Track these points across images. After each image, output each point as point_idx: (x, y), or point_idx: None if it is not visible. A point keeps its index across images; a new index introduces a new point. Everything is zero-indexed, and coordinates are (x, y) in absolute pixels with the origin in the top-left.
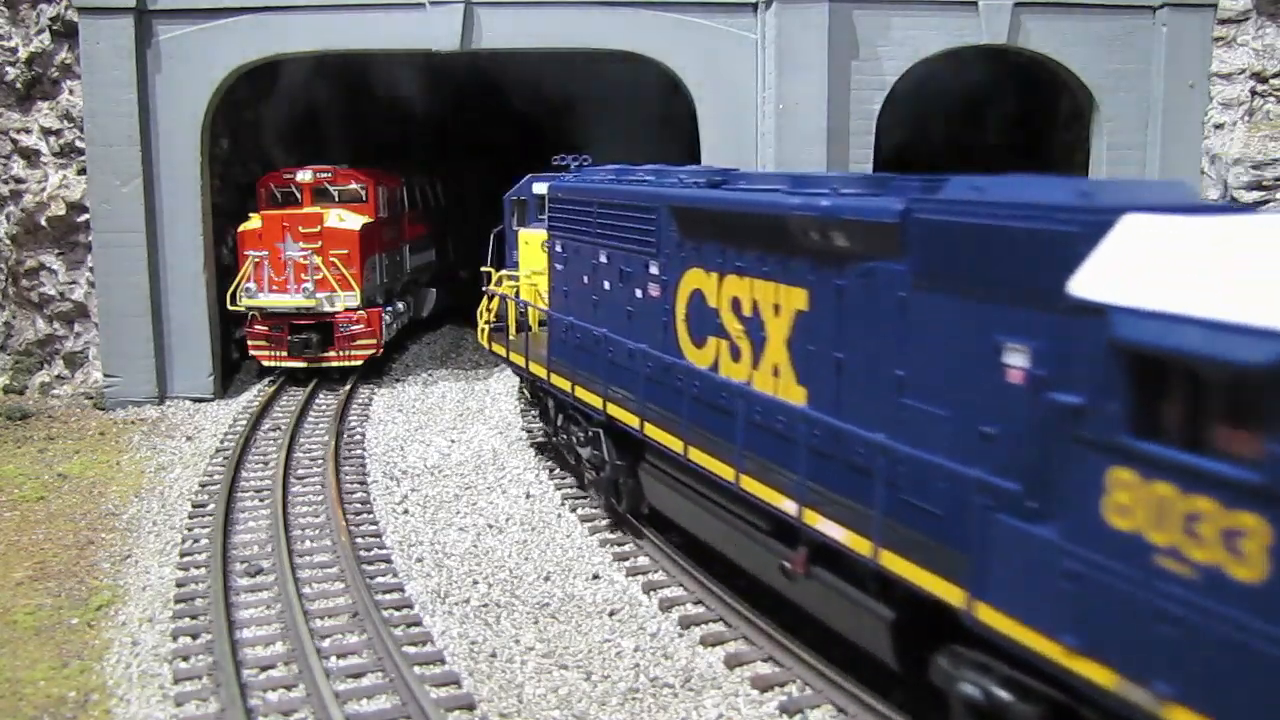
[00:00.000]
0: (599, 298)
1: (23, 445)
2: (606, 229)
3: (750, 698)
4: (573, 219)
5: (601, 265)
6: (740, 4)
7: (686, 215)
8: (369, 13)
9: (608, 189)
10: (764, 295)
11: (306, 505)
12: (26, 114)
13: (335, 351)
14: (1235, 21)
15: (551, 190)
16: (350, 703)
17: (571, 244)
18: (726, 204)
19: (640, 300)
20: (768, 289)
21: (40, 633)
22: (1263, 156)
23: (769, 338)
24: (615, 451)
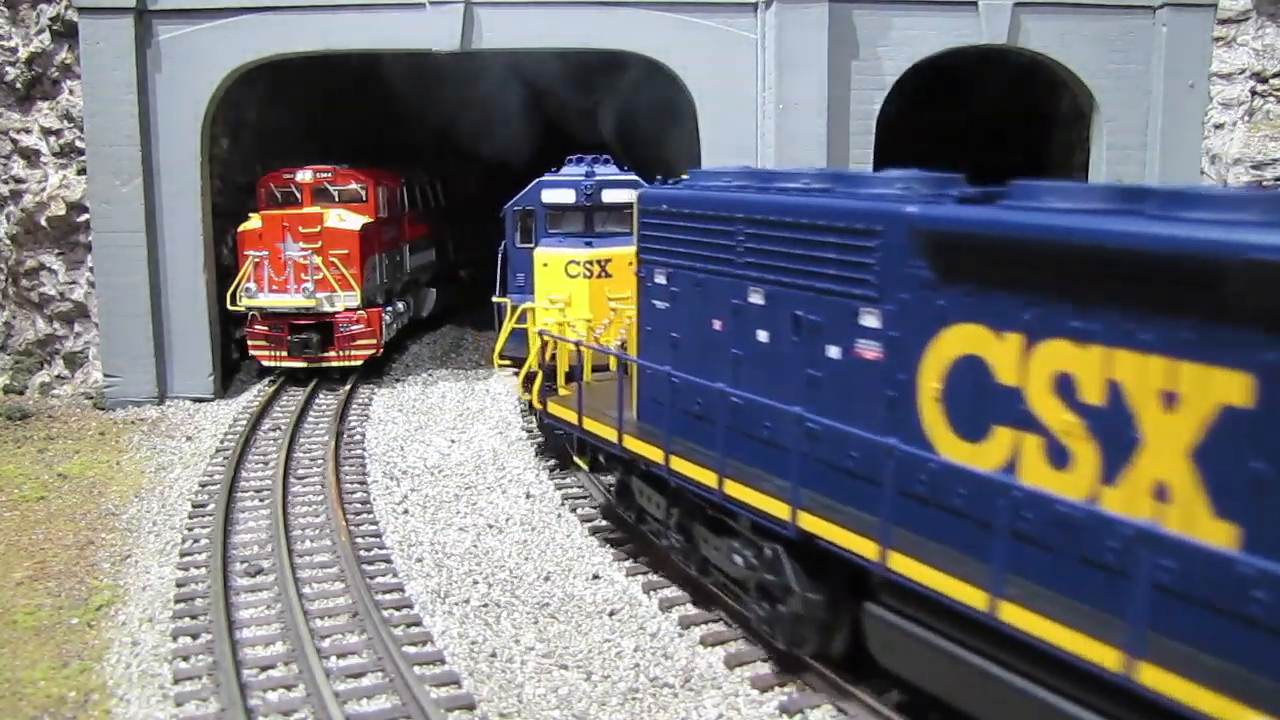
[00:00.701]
0: (745, 352)
1: (23, 445)
2: (765, 257)
3: (750, 698)
4: (690, 240)
5: (752, 308)
6: (740, 4)
7: (951, 245)
8: (369, 13)
9: (765, 201)
10: (1137, 376)
11: (306, 505)
12: (26, 114)
13: (335, 351)
14: (1235, 21)
15: (647, 200)
16: (350, 703)
17: (686, 274)
18: (1048, 231)
19: (838, 363)
20: (1148, 367)
21: (40, 633)
22: (1263, 156)
23: (1145, 440)
24: (808, 581)
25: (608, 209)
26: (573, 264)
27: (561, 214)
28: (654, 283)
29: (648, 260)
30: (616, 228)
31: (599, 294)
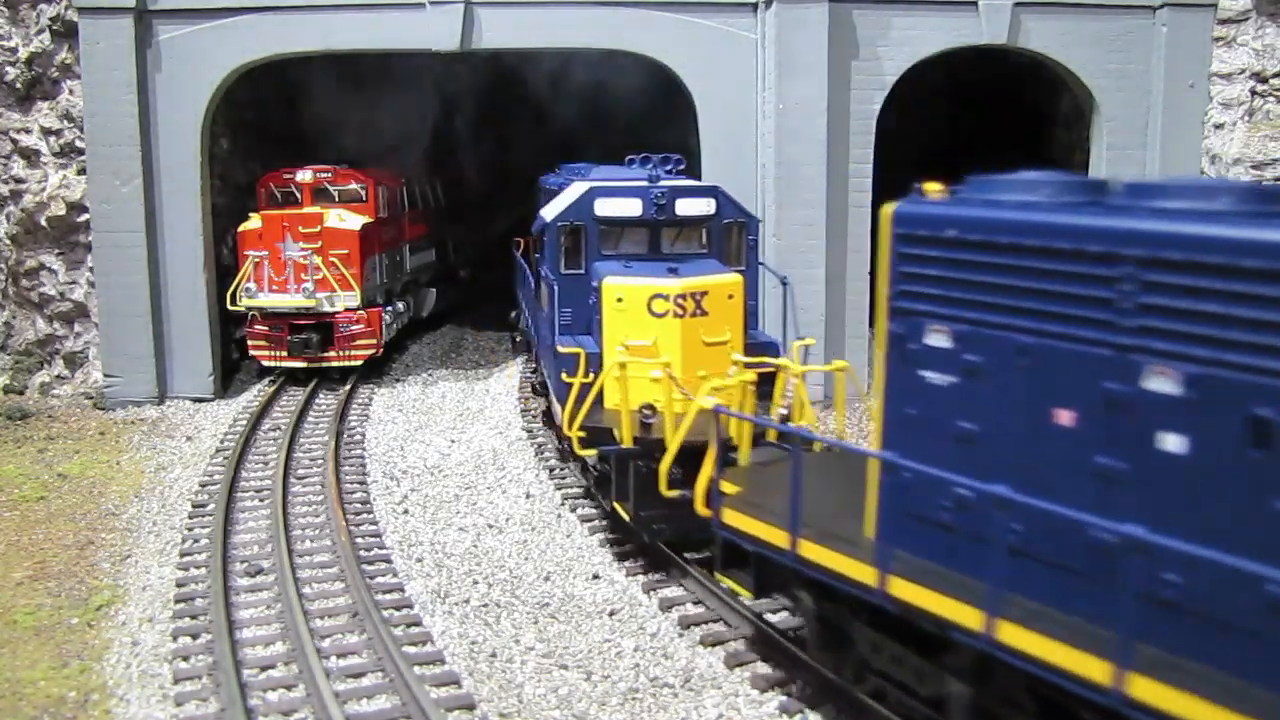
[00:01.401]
0: (1129, 467)
1: (23, 445)
2: (1180, 319)
3: (750, 698)
4: (1007, 286)
5: (1150, 399)
6: (740, 4)
7: None
8: (369, 13)
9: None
10: None
11: (306, 505)
12: (26, 114)
13: (335, 351)
14: (1235, 21)
15: (910, 221)
16: (350, 703)
17: (997, 337)
18: None
19: None
20: None
21: (40, 633)
22: (1263, 156)
23: None
24: None
25: (681, 223)
26: (658, 298)
27: (620, 231)
28: (921, 344)
29: (908, 311)
30: (690, 247)
31: (694, 339)
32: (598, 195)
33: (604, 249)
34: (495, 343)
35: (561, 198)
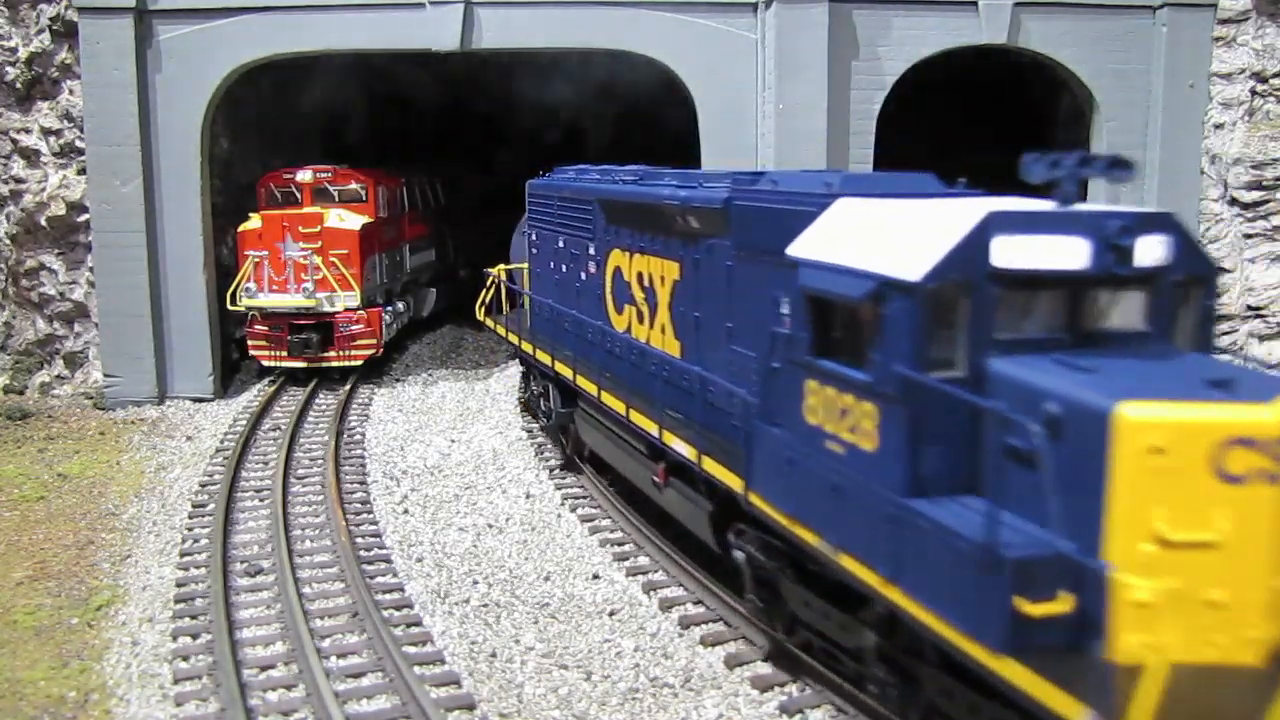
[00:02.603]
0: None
1: (23, 445)
2: None
3: (750, 698)
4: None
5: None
6: (740, 4)
7: None
8: (369, 12)
9: None
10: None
11: (306, 505)
12: (26, 114)
13: (335, 351)
14: (1235, 21)
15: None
16: (350, 703)
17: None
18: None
19: None
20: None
21: (40, 633)
22: (1263, 156)
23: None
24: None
25: (1132, 280)
26: (1240, 446)
27: (1031, 297)
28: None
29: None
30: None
31: None
32: (1001, 228)
33: (1004, 330)
34: (495, 342)
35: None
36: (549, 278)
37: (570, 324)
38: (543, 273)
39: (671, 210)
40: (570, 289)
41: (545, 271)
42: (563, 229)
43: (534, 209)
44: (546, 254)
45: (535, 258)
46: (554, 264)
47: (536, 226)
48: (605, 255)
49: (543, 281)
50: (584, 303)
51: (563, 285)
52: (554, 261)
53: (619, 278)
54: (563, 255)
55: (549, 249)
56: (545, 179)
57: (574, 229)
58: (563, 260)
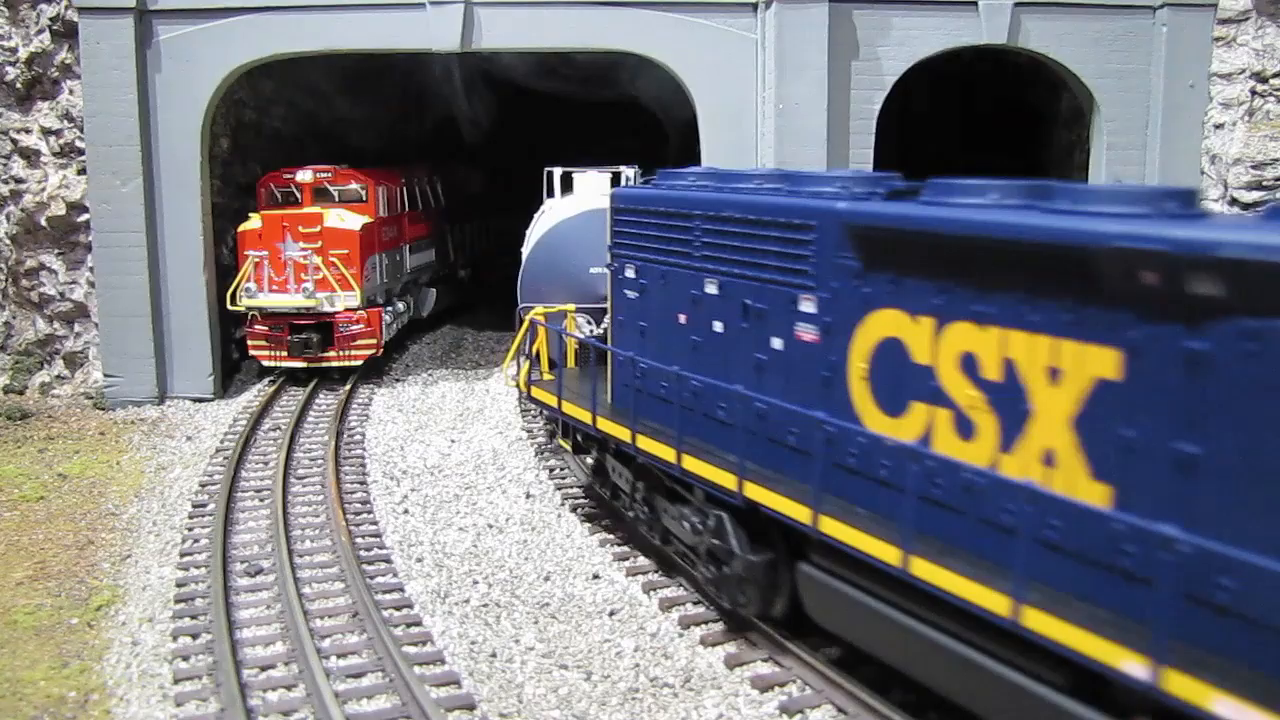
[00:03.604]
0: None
1: (23, 445)
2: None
3: (750, 698)
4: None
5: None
6: (740, 4)
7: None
8: (369, 12)
9: None
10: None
11: (306, 505)
12: (26, 114)
13: (335, 351)
14: (1235, 21)
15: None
16: (350, 703)
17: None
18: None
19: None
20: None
21: (40, 633)
22: (1263, 156)
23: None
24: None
25: None
26: None
27: None
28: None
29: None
30: None
31: None
32: None
33: None
34: (495, 343)
35: None
36: (671, 334)
37: (736, 411)
38: (653, 326)
39: (1122, 259)
40: (738, 358)
41: (659, 324)
42: (715, 267)
43: (630, 231)
44: (663, 300)
45: (633, 302)
46: (690, 317)
47: (636, 257)
48: (852, 317)
49: (653, 338)
50: (785, 384)
51: (713, 349)
52: (689, 313)
53: (895, 357)
54: (715, 306)
55: (671, 293)
56: (649, 189)
57: (750, 270)
58: (715, 313)
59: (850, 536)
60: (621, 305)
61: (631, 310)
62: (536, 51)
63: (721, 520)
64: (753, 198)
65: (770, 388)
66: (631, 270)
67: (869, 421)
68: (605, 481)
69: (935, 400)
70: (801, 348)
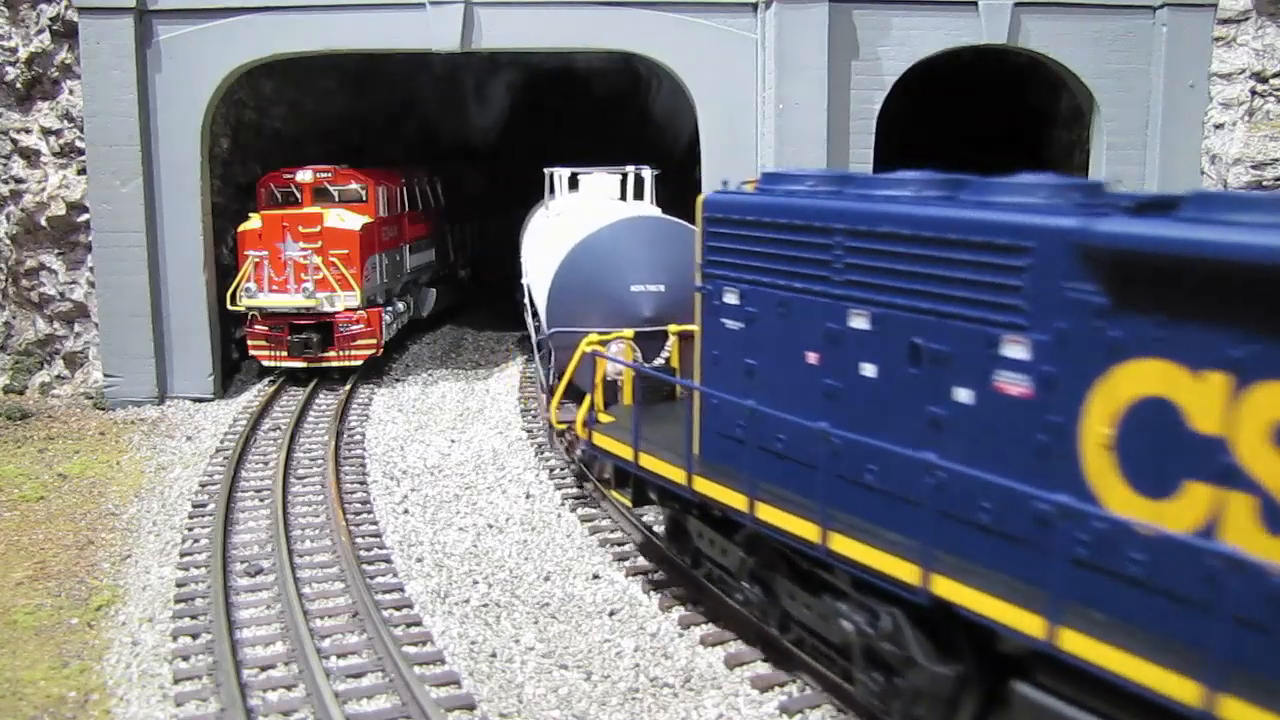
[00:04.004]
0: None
1: (23, 445)
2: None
3: (750, 698)
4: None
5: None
6: (740, 4)
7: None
8: (369, 12)
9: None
10: None
11: (306, 505)
12: (26, 114)
13: (335, 351)
14: (1235, 21)
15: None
16: (350, 703)
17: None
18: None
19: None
20: None
21: (40, 633)
22: (1263, 156)
23: None
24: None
25: None
26: None
27: None
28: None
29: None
30: None
31: None
32: None
33: None
34: (495, 343)
35: None
36: (793, 377)
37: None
38: (765, 365)
39: None
40: (900, 411)
41: (775, 363)
42: (866, 295)
43: (730, 246)
44: (782, 333)
45: (734, 335)
46: (824, 356)
47: (740, 279)
48: (1091, 368)
49: (764, 379)
50: (974, 448)
51: (860, 399)
52: (823, 352)
53: (1161, 422)
54: (864, 345)
55: (795, 326)
56: (757, 194)
57: (923, 301)
58: (864, 353)
59: (1122, 664)
60: (717, 337)
61: (732, 344)
62: (536, 51)
63: (897, 621)
64: (921, 210)
65: (951, 451)
66: (732, 295)
67: (1112, 502)
68: (685, 547)
69: (1227, 481)
70: (1003, 403)
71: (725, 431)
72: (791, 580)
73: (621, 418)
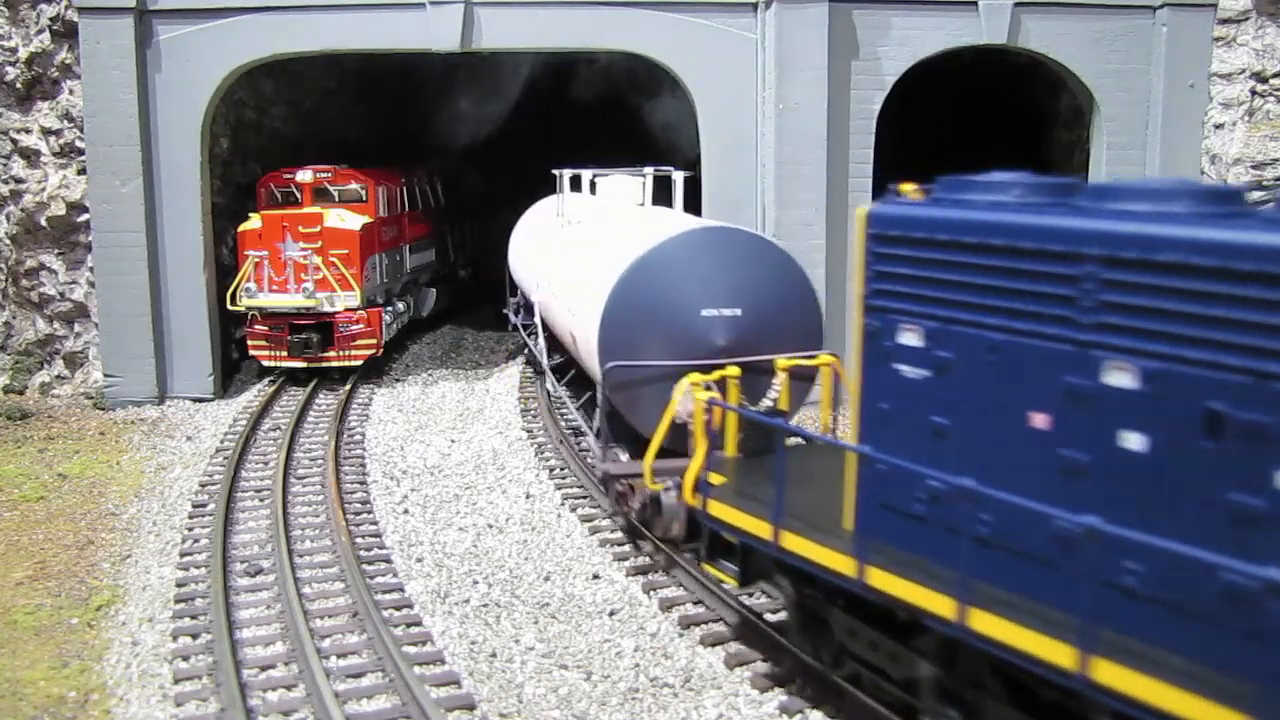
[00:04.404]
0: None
1: (23, 445)
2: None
3: (750, 698)
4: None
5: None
6: (740, 4)
7: None
8: (369, 12)
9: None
10: None
11: (306, 505)
12: (26, 114)
13: (335, 351)
14: (1235, 21)
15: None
16: (350, 703)
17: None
18: None
19: None
20: None
21: (40, 633)
22: (1263, 156)
23: None
24: None
25: None
26: None
27: None
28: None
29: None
30: None
31: None
32: None
33: None
34: (495, 343)
35: None
36: (1010, 444)
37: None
38: (963, 426)
39: None
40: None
41: (981, 425)
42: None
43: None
44: (992, 386)
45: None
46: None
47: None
48: None
49: (961, 444)
50: None
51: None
52: (1058, 415)
53: None
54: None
55: (1013, 378)
56: (949, 208)
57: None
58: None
59: None
60: (888, 387)
61: (912, 397)
62: (536, 51)
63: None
64: (1223, 233)
65: (1267, 554)
66: (914, 335)
67: None
68: (825, 642)
69: None
70: None
71: (896, 505)
72: (1012, 706)
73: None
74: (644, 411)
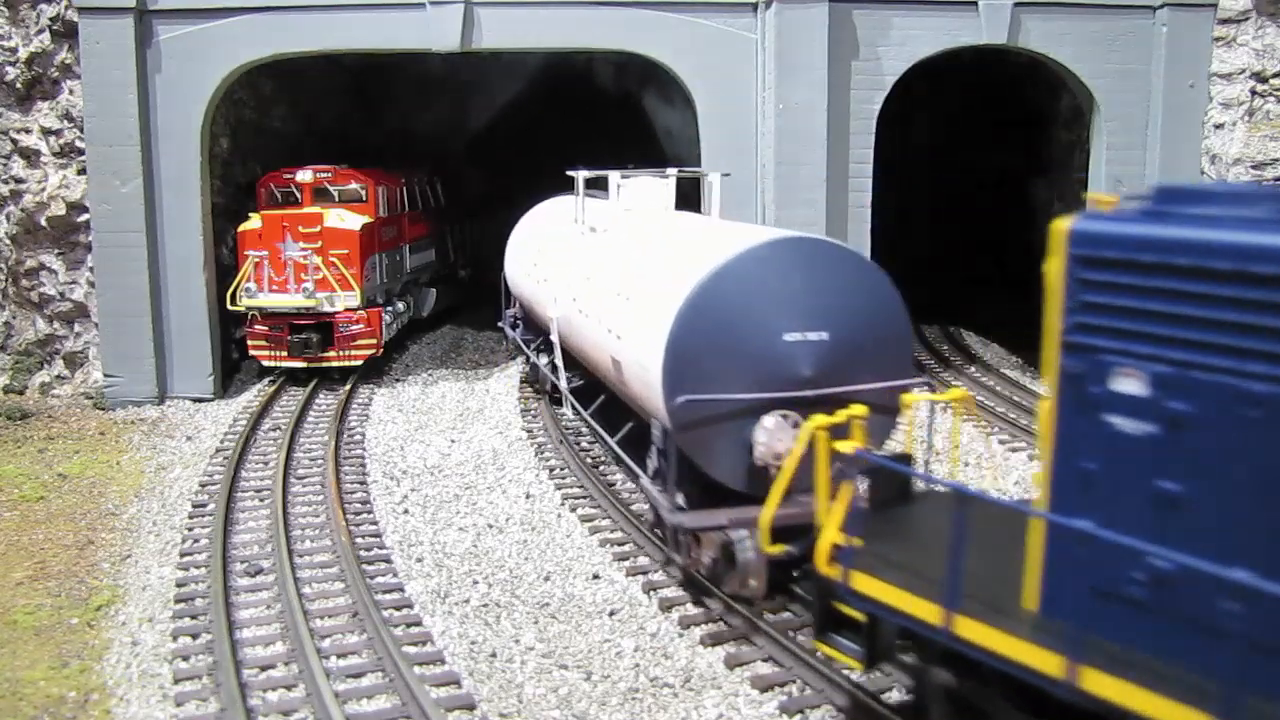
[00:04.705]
0: None
1: (23, 445)
2: None
3: (750, 698)
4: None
5: None
6: (740, 4)
7: None
8: (369, 12)
9: None
10: None
11: (306, 505)
12: (26, 114)
13: (335, 351)
14: (1235, 21)
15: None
16: (350, 703)
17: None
18: None
19: None
20: None
21: (40, 633)
22: (1263, 156)
23: None
24: None
25: None
26: None
27: None
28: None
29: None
30: None
31: None
32: None
33: None
34: (495, 343)
35: None
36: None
37: None
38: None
39: None
40: None
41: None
42: None
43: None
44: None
45: (1135, 443)
46: None
47: (1151, 357)
48: None
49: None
50: None
51: None
52: None
53: None
54: None
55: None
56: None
57: None
58: None
59: None
60: (1095, 442)
61: (1131, 457)
62: (537, 51)
63: None
64: None
65: None
66: (1133, 381)
67: None
68: None
69: None
70: None
71: (1105, 586)
72: None
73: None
74: (717, 452)
